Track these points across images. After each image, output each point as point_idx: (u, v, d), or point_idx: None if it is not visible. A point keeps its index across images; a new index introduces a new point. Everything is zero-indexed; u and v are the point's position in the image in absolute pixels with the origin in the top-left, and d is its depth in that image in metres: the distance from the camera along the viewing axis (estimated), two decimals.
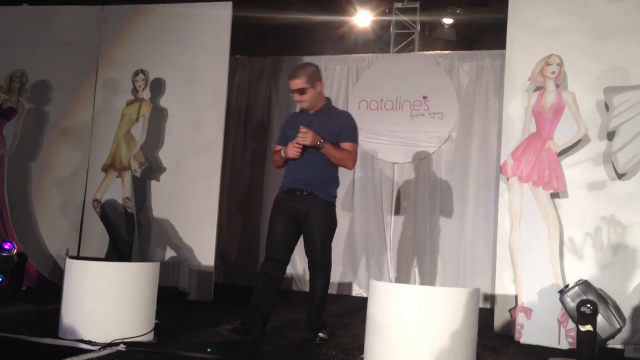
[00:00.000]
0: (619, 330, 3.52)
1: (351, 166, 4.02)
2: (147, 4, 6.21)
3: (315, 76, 3.95)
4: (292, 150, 3.86)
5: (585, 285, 3.73)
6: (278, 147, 4.06)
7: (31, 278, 5.71)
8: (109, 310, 3.46)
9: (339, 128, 3.95)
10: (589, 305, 3.33)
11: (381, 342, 3.15)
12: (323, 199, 3.93)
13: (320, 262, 3.91)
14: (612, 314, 3.40)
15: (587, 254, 4.34)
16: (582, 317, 3.36)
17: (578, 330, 3.41)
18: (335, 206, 4.03)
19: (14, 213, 6.03)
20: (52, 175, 6.11)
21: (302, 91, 3.90)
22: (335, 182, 4.04)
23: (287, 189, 3.98)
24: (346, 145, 3.95)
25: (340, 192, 6.77)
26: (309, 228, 3.91)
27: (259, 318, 3.86)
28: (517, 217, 4.55)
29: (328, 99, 4.09)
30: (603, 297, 3.68)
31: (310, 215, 3.88)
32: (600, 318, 3.36)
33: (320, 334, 3.84)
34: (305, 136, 3.81)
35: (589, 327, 3.28)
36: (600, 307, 3.41)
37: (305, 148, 3.88)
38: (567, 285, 3.84)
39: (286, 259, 3.99)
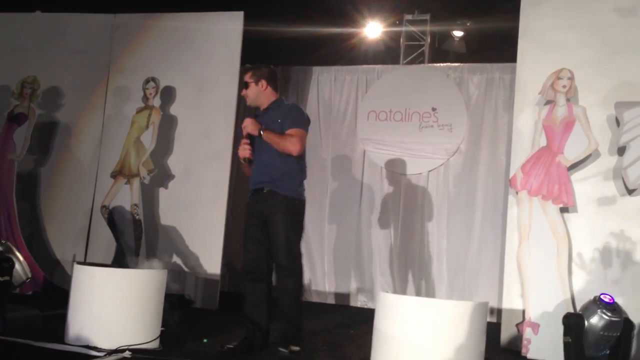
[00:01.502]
0: (614, 322, 3.44)
1: (293, 150, 3.77)
2: (159, 13, 6.25)
3: (262, 74, 3.94)
4: (241, 148, 3.88)
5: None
6: None
7: (38, 283, 5.73)
8: (116, 317, 3.46)
9: (282, 118, 3.88)
10: (567, 317, 3.38)
11: (387, 354, 3.14)
12: (283, 195, 3.81)
13: (285, 261, 3.73)
14: (602, 309, 3.38)
15: (596, 269, 4.30)
16: (564, 329, 3.41)
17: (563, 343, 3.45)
18: (299, 201, 3.87)
19: (22, 218, 6.05)
20: (61, 181, 6.14)
21: (245, 85, 3.96)
22: (296, 179, 3.89)
23: (251, 192, 3.94)
24: (290, 131, 3.83)
25: (346, 201, 6.86)
26: (270, 225, 3.79)
27: (259, 330, 3.77)
28: (525, 231, 4.53)
29: (279, 98, 4.02)
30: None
31: (271, 213, 3.78)
32: (589, 316, 3.37)
33: (292, 347, 3.65)
34: (245, 125, 3.83)
35: (567, 339, 3.34)
36: (587, 311, 3.41)
37: (255, 147, 3.88)
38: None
39: (265, 267, 3.84)
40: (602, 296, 3.42)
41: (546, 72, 4.65)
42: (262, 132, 3.78)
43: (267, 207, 3.81)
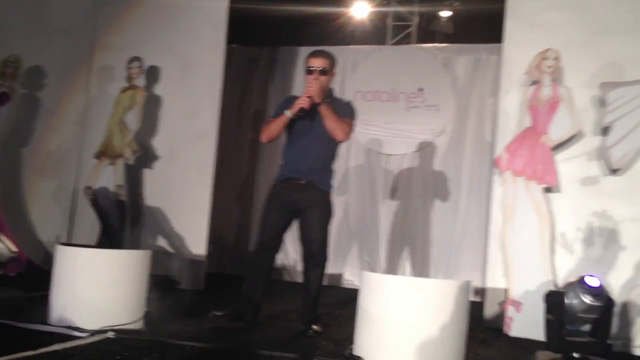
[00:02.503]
0: (594, 307, 3.47)
1: (343, 134, 3.82)
2: None
3: (335, 64, 3.97)
4: (302, 100, 3.76)
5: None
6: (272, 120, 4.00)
7: (21, 264, 5.68)
8: (99, 297, 3.45)
9: (338, 109, 3.90)
10: (548, 296, 3.42)
11: (371, 333, 3.16)
12: (321, 189, 3.91)
13: (317, 253, 3.89)
14: (584, 293, 3.41)
15: (578, 249, 4.35)
16: (546, 306, 3.44)
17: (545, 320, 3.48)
18: (331, 196, 4.02)
19: (5, 199, 5.99)
20: (44, 161, 6.07)
21: (324, 72, 3.85)
22: (331, 172, 4.03)
23: (284, 178, 3.95)
24: (344, 119, 3.90)
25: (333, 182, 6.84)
26: (306, 218, 3.88)
27: (250, 305, 3.90)
28: (509, 211, 4.56)
29: (331, 90, 4.06)
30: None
31: (309, 205, 3.86)
32: (571, 297, 3.41)
33: (314, 327, 3.82)
34: (313, 90, 3.74)
35: (550, 316, 3.38)
36: (569, 290, 3.44)
37: (294, 133, 3.86)
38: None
39: (277, 248, 4.00)
40: (586, 279, 3.45)
41: (532, 53, 4.65)
42: (324, 102, 3.76)
43: (304, 200, 3.86)
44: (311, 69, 3.86)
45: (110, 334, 3.30)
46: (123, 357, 2.90)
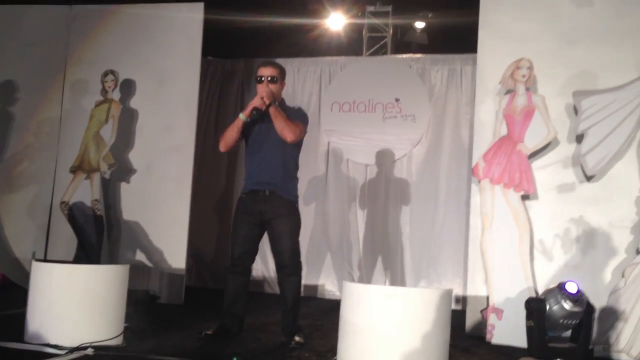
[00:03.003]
0: (574, 313, 3.51)
1: (291, 135, 3.85)
2: (117, 4, 6.12)
3: (284, 74, 4.07)
4: (255, 100, 3.83)
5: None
6: None
7: None
8: (77, 314, 3.39)
9: (289, 113, 3.96)
10: (529, 302, 3.45)
11: (354, 343, 3.15)
12: (286, 198, 3.94)
13: (289, 262, 3.90)
14: (564, 299, 3.45)
15: (557, 255, 4.39)
16: (526, 313, 3.47)
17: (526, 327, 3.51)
18: (297, 205, 4.05)
19: None
20: (19, 177, 5.97)
21: (273, 80, 3.94)
22: (295, 181, 4.07)
23: (248, 191, 3.98)
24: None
25: (311, 193, 6.86)
26: (274, 228, 3.91)
27: (235, 319, 3.94)
28: (488, 219, 4.59)
29: (283, 99, 4.11)
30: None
31: (275, 215, 3.89)
32: (551, 303, 3.44)
33: (297, 338, 3.81)
34: (263, 92, 3.82)
35: (530, 323, 3.41)
36: (549, 296, 3.48)
37: (254, 144, 3.93)
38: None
39: (250, 263, 4.03)
40: (566, 285, 3.48)
41: (506, 62, 4.72)
42: (272, 103, 3.83)
43: (270, 210, 3.89)
44: (261, 77, 3.94)
45: (89, 351, 3.24)
46: None
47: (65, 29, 6.10)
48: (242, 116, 3.91)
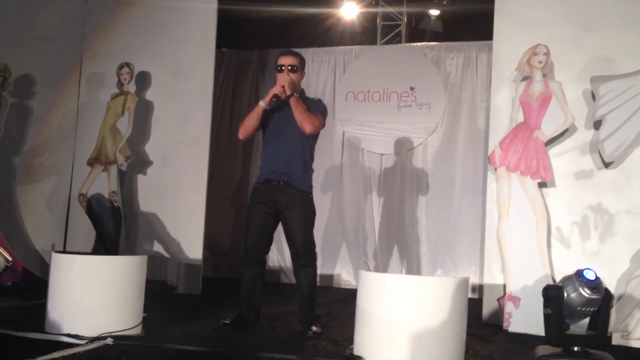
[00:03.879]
0: (592, 300, 3.48)
1: (309, 128, 3.85)
2: None
3: (304, 64, 4.07)
4: (275, 88, 3.84)
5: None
6: None
7: (17, 273, 5.65)
8: (96, 304, 3.43)
9: (309, 105, 3.97)
10: (547, 290, 3.41)
11: (371, 332, 3.16)
12: (300, 189, 3.94)
13: (303, 252, 3.91)
14: (582, 286, 3.41)
15: (575, 242, 4.36)
16: (544, 300, 3.43)
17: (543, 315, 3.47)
18: (312, 195, 4.04)
19: None
20: (37, 170, 6.04)
21: (293, 69, 3.93)
22: (310, 172, 4.06)
23: (263, 180, 3.99)
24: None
25: (327, 183, 6.86)
26: (288, 219, 3.92)
27: (252, 309, 3.97)
28: (505, 207, 4.56)
29: (302, 89, 4.11)
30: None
31: (289, 206, 3.89)
32: (569, 290, 3.40)
33: (314, 328, 3.82)
34: (283, 81, 3.83)
35: (548, 310, 3.37)
36: (567, 284, 3.44)
37: (271, 134, 3.92)
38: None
39: (264, 252, 4.04)
40: (584, 272, 3.44)
41: (522, 49, 4.67)
42: (294, 94, 3.84)
43: (284, 200, 3.89)
44: (282, 67, 3.94)
45: (109, 341, 3.28)
46: None
47: (81, 22, 6.14)
48: (263, 103, 3.90)
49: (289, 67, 3.93)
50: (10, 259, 4.17)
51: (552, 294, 3.38)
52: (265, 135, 4.05)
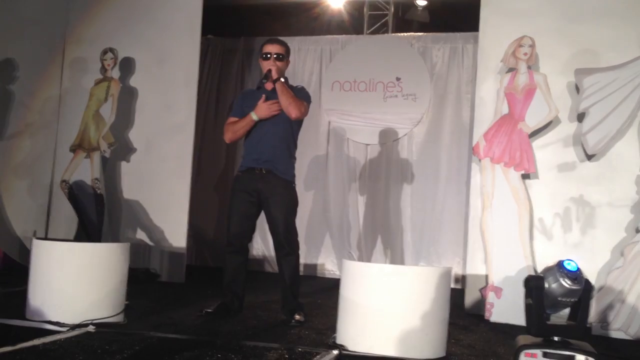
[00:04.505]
0: (573, 291, 3.52)
1: (295, 113, 3.87)
2: None
3: (289, 53, 4.09)
4: (271, 108, 3.86)
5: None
6: (234, 119, 4.04)
7: None
8: (77, 291, 3.40)
9: (294, 93, 3.96)
10: (528, 280, 3.42)
11: (354, 321, 3.17)
12: (283, 178, 3.94)
13: (285, 241, 3.91)
14: (563, 277, 3.44)
15: (557, 234, 4.40)
16: (526, 291, 3.45)
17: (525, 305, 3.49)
18: (294, 184, 4.04)
19: None
20: (19, 156, 5.95)
21: (280, 57, 3.95)
22: (293, 161, 4.06)
23: (245, 168, 3.99)
24: None
25: (312, 173, 6.85)
26: (270, 208, 3.92)
27: (235, 297, 3.98)
28: (488, 198, 4.59)
29: (286, 78, 4.09)
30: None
31: (271, 194, 3.90)
32: (550, 281, 3.43)
33: (297, 316, 3.83)
34: (271, 67, 3.87)
35: (529, 301, 3.39)
36: (548, 274, 3.46)
37: (256, 125, 3.93)
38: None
39: (247, 241, 4.06)
40: (565, 263, 3.47)
41: (508, 41, 4.69)
42: (280, 79, 3.87)
43: (266, 189, 3.89)
44: (268, 54, 3.95)
45: (91, 328, 3.26)
46: (104, 350, 2.87)
47: (65, 6, 6.06)
48: (255, 116, 3.91)
49: (275, 55, 3.94)
50: None
51: (534, 284, 3.40)
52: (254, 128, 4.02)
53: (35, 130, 5.99)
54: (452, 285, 3.53)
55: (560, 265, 3.42)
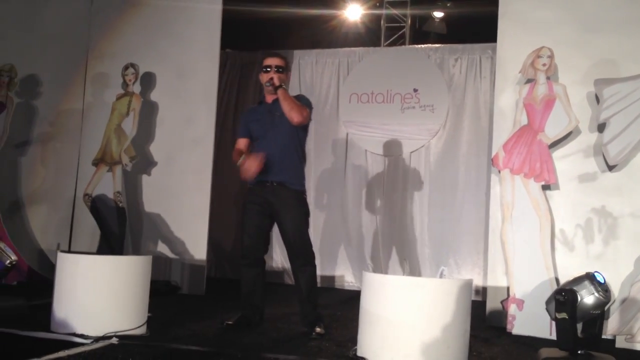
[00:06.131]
0: (603, 303, 3.47)
1: (297, 118, 3.88)
2: None
3: (290, 66, 4.21)
4: (252, 167, 3.85)
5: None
6: (241, 143, 4.09)
7: (22, 273, 5.68)
8: (101, 304, 3.45)
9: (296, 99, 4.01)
10: (562, 294, 3.37)
11: (374, 333, 3.17)
12: (293, 189, 3.95)
13: (300, 252, 3.92)
14: (597, 290, 3.39)
15: (578, 245, 4.36)
16: (558, 305, 3.40)
17: (555, 319, 3.43)
18: (305, 194, 4.06)
19: (4, 208, 5.98)
20: (43, 170, 6.07)
21: (280, 69, 3.99)
22: (302, 169, 4.07)
23: (256, 181, 3.98)
24: None
25: (329, 184, 6.87)
26: (282, 220, 3.93)
27: (255, 309, 4.00)
28: (508, 210, 4.57)
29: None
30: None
31: (282, 207, 3.91)
32: (584, 294, 3.39)
33: (317, 329, 3.80)
34: (273, 77, 3.92)
35: (564, 315, 3.33)
36: (579, 287, 3.41)
37: (262, 140, 3.96)
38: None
39: (262, 253, 4.06)
40: (596, 274, 3.44)
41: (526, 51, 4.68)
42: (282, 86, 3.92)
43: (278, 201, 3.91)
44: (268, 67, 4.00)
45: (114, 340, 3.30)
46: None
47: (87, 22, 6.17)
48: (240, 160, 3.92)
49: (276, 68, 3.99)
50: (15, 258, 4.19)
51: (569, 298, 3.34)
52: (254, 140, 4.08)
53: (58, 144, 6.09)
54: (473, 297, 3.51)
55: (592, 277, 3.39)
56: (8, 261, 4.11)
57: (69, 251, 5.53)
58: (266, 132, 3.98)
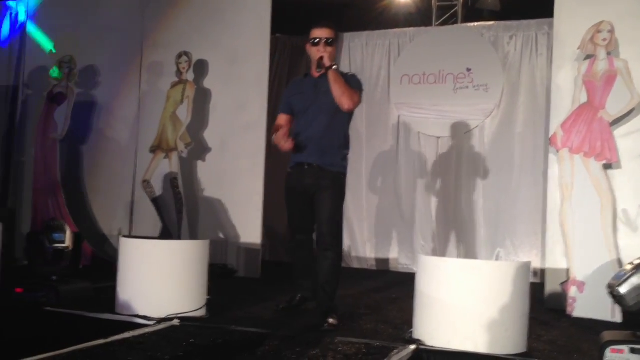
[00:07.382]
0: None
1: (348, 104, 3.63)
2: None
3: (339, 37, 3.88)
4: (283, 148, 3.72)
5: None
6: (280, 119, 3.93)
7: (87, 257, 5.91)
8: (163, 287, 3.56)
9: (347, 80, 3.74)
10: None
11: (430, 316, 3.16)
12: (330, 171, 3.74)
13: (328, 237, 3.68)
14: None
15: None
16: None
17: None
18: (344, 176, 3.82)
19: (68, 195, 6.24)
20: (103, 158, 6.28)
21: (329, 42, 3.70)
22: (344, 153, 3.83)
23: (294, 164, 3.85)
24: None
25: (382, 167, 6.84)
26: (316, 201, 3.76)
27: (308, 291, 3.96)
28: (568, 190, 4.45)
29: (337, 64, 3.86)
30: None
31: (318, 189, 3.73)
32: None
33: (330, 320, 3.50)
34: (324, 55, 3.68)
35: None
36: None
37: (301, 119, 3.79)
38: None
39: (309, 234, 3.94)
40: None
41: (585, 26, 4.52)
42: (333, 66, 3.65)
43: (314, 183, 3.74)
44: (317, 40, 3.72)
45: (176, 322, 3.40)
46: (189, 343, 2.99)
47: (141, 12, 6.30)
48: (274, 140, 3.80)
49: (325, 40, 3.69)
50: (69, 244, 4.26)
51: None
52: (296, 119, 3.87)
53: (117, 133, 6.29)
54: (531, 280, 3.45)
55: None
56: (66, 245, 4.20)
57: (131, 236, 5.71)
58: (308, 108, 3.76)
